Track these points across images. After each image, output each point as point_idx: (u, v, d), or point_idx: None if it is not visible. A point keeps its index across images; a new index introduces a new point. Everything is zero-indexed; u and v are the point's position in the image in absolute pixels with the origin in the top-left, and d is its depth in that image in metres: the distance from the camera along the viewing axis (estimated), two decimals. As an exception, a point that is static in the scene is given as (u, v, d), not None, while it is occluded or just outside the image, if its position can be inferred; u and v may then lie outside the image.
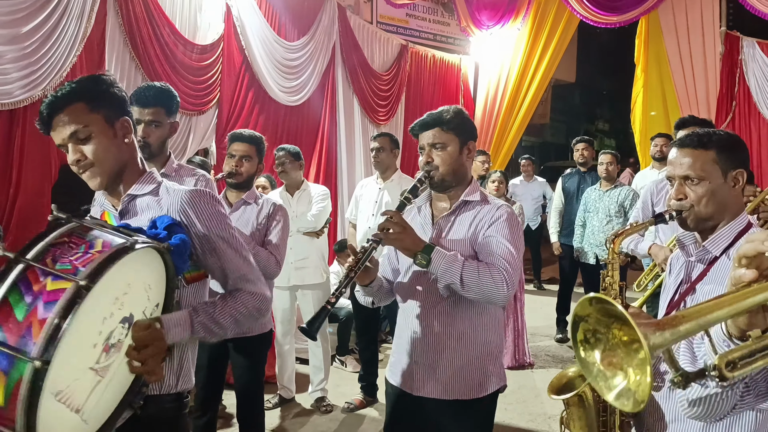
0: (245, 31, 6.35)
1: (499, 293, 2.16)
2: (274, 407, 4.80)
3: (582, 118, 23.68)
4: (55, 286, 1.39)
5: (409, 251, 2.21)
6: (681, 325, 1.10)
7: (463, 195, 2.38)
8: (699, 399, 1.49)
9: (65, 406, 1.43)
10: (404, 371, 2.41)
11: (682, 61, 8.24)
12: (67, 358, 1.39)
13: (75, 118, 1.71)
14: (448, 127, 2.34)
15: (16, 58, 4.36)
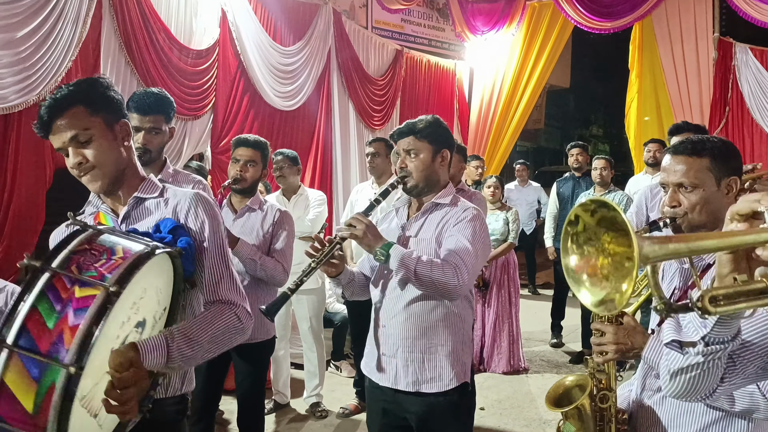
0: (241, 36, 6.36)
1: (450, 287, 2.30)
2: (269, 413, 4.79)
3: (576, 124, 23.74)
4: (84, 293, 1.42)
5: (369, 247, 2.37)
6: (670, 243, 1.15)
7: (434, 198, 2.52)
8: (680, 369, 1.50)
9: (86, 411, 1.45)
10: (373, 362, 2.54)
11: (675, 66, 8.29)
12: (94, 364, 1.41)
13: (75, 121, 1.71)
14: (421, 135, 2.48)
15: (11, 62, 4.36)
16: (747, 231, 1.17)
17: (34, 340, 1.36)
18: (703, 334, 1.41)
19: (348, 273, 2.55)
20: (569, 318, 6.75)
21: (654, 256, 1.12)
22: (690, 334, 1.47)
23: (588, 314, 6.16)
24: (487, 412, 4.82)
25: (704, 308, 1.17)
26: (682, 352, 1.48)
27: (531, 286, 9.78)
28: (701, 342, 1.42)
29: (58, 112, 1.70)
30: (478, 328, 5.88)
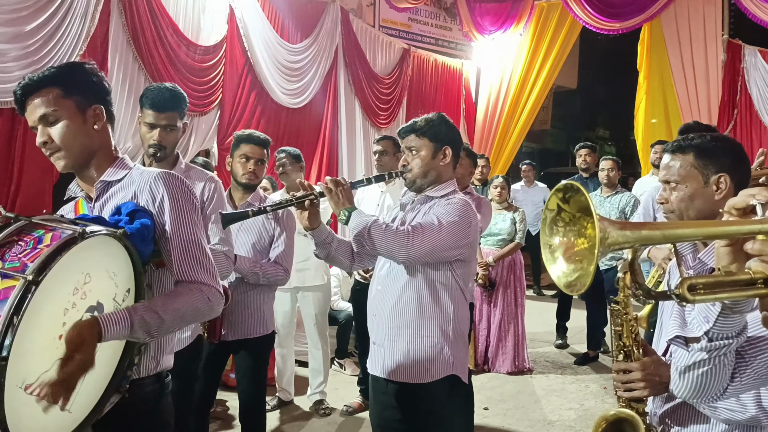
0: (248, 32, 6.35)
1: (398, 249, 2.37)
2: (272, 409, 4.78)
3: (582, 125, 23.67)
4: (5, 284, 1.43)
5: (336, 204, 2.50)
6: (643, 229, 1.16)
7: (427, 191, 2.58)
8: (687, 367, 1.49)
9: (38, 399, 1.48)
10: (370, 352, 2.61)
11: (684, 68, 8.26)
12: (29, 352, 1.43)
13: (46, 101, 1.76)
14: (421, 133, 2.54)
15: (19, 56, 4.36)
16: (727, 222, 1.16)
17: None
18: (706, 329, 1.40)
19: (325, 232, 2.61)
20: (574, 319, 6.73)
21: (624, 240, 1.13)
22: (694, 330, 1.46)
23: (594, 316, 6.14)
24: (491, 412, 4.80)
25: (682, 296, 1.16)
26: (687, 348, 1.48)
27: (536, 286, 9.76)
28: (704, 337, 1.42)
29: (32, 92, 1.76)
30: (484, 328, 5.87)
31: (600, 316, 6.15)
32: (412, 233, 2.36)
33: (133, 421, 1.79)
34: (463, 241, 2.47)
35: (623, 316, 1.76)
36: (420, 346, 2.45)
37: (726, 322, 1.38)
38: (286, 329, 4.85)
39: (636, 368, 1.76)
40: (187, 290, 1.76)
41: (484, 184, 7.37)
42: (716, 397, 1.52)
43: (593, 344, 6.21)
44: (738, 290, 1.16)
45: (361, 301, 4.86)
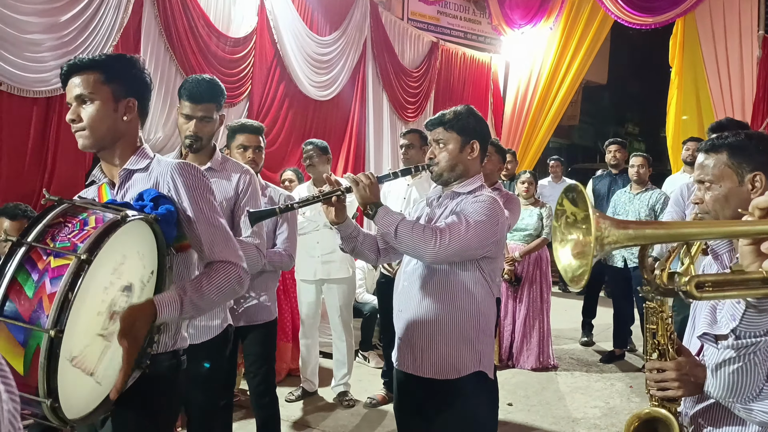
0: (278, 24, 6.38)
1: (425, 249, 2.33)
2: (296, 399, 4.83)
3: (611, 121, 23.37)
4: (58, 262, 1.53)
5: (363, 199, 2.46)
6: (647, 228, 1.19)
7: (455, 187, 2.55)
8: (717, 365, 1.49)
9: (80, 370, 1.59)
10: (396, 347, 2.61)
11: (718, 64, 8.10)
12: (77, 326, 1.53)
13: (85, 83, 1.86)
14: (449, 126, 2.52)
15: (54, 46, 4.43)
16: (738, 222, 1.17)
17: (17, 308, 1.49)
18: (733, 327, 1.40)
19: (351, 226, 2.61)
20: (600, 317, 6.67)
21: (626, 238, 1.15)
22: (722, 328, 1.46)
23: (621, 314, 6.08)
24: (515, 408, 4.79)
25: (689, 293, 1.19)
26: (717, 346, 1.48)
27: (562, 283, 9.68)
28: (732, 335, 1.41)
29: (75, 72, 1.87)
30: (509, 324, 5.84)
31: (627, 314, 6.09)
32: (439, 234, 2.33)
33: (150, 394, 1.86)
34: (491, 240, 2.43)
35: (659, 314, 1.73)
36: (447, 342, 2.44)
37: (752, 320, 1.37)
38: (310, 320, 4.89)
39: (671, 368, 1.71)
40: (222, 268, 1.88)
41: (511, 179, 7.33)
42: (752, 398, 1.49)
43: (620, 342, 6.15)
44: (749, 289, 1.18)
45: (386, 294, 4.88)
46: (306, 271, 4.79)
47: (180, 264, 1.98)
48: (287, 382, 5.16)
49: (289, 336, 5.29)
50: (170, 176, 1.91)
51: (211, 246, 1.89)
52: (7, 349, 1.47)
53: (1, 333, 1.48)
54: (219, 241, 1.91)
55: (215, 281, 1.84)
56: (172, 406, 2.00)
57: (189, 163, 1.97)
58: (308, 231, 4.72)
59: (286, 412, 4.62)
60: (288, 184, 5.34)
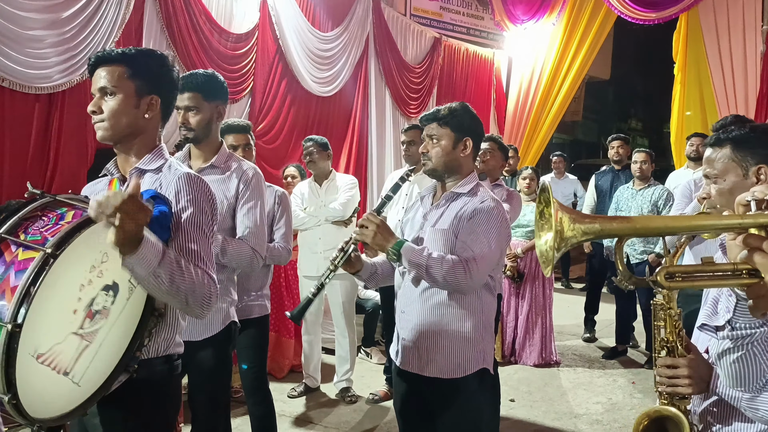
0: (280, 20, 6.37)
1: (461, 283, 2.36)
2: (299, 395, 4.84)
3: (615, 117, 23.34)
4: (25, 255, 1.50)
5: (381, 247, 2.43)
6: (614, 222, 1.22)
7: (454, 187, 2.54)
8: (718, 355, 1.50)
9: (50, 368, 1.54)
10: (396, 346, 2.61)
11: (721, 59, 8.06)
12: (43, 323, 1.49)
13: (110, 76, 1.86)
14: (443, 122, 2.52)
15: (56, 42, 4.43)
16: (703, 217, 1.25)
17: None
18: (728, 318, 1.42)
19: (368, 268, 2.61)
20: (603, 313, 6.67)
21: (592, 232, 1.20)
22: (719, 319, 1.48)
23: (624, 310, 6.06)
24: (517, 404, 4.79)
25: (659, 283, 1.24)
26: (717, 336, 1.49)
27: (564, 279, 9.68)
28: (728, 326, 1.43)
29: (103, 63, 1.87)
30: (512, 320, 5.84)
31: (630, 311, 6.08)
32: (469, 265, 2.35)
33: (140, 399, 1.83)
34: (508, 242, 2.55)
35: (667, 310, 1.72)
36: (452, 341, 2.45)
37: (745, 311, 1.38)
38: (313, 317, 4.89)
39: (683, 364, 1.69)
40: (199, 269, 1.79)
41: (512, 175, 7.32)
42: (760, 388, 1.50)
43: (622, 338, 6.14)
44: (720, 279, 1.21)
45: (389, 291, 4.88)
46: (308, 267, 4.80)
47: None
48: (290, 378, 5.18)
49: (291, 332, 5.29)
50: (175, 184, 1.88)
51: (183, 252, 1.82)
52: None
53: None
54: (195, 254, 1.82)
55: (192, 270, 1.74)
56: (167, 412, 1.94)
57: (197, 177, 1.93)
58: (310, 227, 4.72)
59: (288, 407, 4.63)
60: (290, 180, 5.34)
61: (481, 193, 2.52)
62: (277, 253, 3.49)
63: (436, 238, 2.47)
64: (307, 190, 4.84)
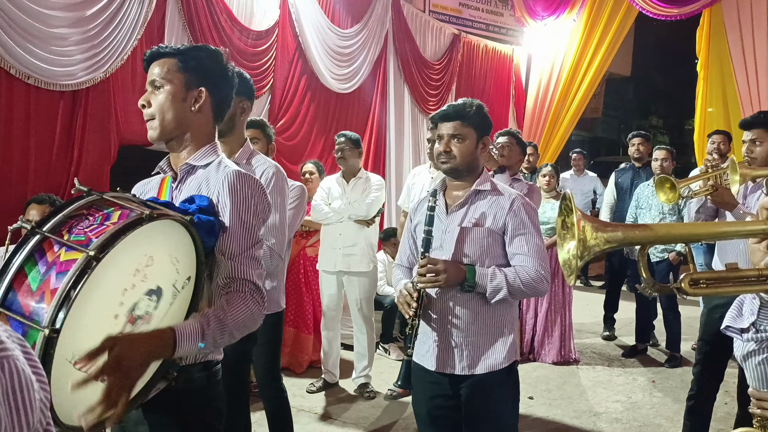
0: (300, 17, 6.40)
1: (540, 290, 2.46)
2: (318, 391, 4.87)
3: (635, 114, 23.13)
4: (68, 256, 1.43)
5: (458, 284, 2.41)
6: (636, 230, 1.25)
7: (474, 185, 2.52)
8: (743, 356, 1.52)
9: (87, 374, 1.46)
10: (427, 349, 2.54)
11: (744, 56, 7.96)
12: (83, 327, 1.42)
13: (161, 69, 1.85)
14: (468, 121, 2.49)
15: (80, 40, 4.49)
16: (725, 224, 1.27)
17: (19, 301, 1.40)
18: (752, 321, 1.44)
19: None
20: (623, 311, 6.63)
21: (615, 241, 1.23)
22: (744, 321, 1.50)
23: (644, 309, 6.02)
24: (536, 402, 4.78)
25: (683, 289, 1.25)
26: (742, 338, 1.50)
27: (583, 277, 9.63)
28: (752, 328, 1.45)
29: (157, 57, 1.87)
30: (531, 318, 5.83)
31: (650, 309, 6.04)
32: (540, 269, 2.42)
33: (179, 406, 1.79)
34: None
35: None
36: (486, 338, 2.46)
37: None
38: (332, 312, 4.91)
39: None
40: (246, 293, 1.75)
41: (532, 173, 7.29)
42: None
43: (642, 337, 6.10)
44: (745, 285, 1.23)
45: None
46: (327, 262, 4.82)
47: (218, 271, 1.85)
48: (308, 374, 5.21)
49: (310, 328, 5.32)
50: (221, 183, 1.82)
51: (233, 259, 1.78)
52: None
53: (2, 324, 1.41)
54: (243, 257, 1.79)
55: (236, 313, 1.70)
56: (209, 421, 1.88)
57: (248, 175, 1.86)
58: (333, 222, 4.74)
59: (307, 403, 4.66)
60: (308, 177, 5.37)
61: (502, 189, 2.55)
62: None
63: (468, 236, 2.46)
64: (334, 186, 4.85)
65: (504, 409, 2.52)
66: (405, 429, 4.29)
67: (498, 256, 2.48)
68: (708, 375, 3.62)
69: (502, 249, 2.48)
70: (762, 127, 3.46)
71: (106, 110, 4.71)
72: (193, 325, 1.60)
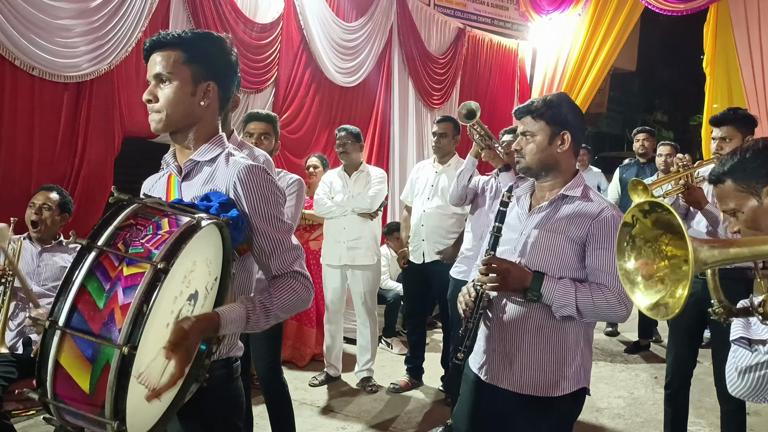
0: (304, 10, 6.38)
1: (617, 315, 2.15)
2: (320, 384, 4.87)
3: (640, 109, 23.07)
4: (131, 270, 1.40)
5: (518, 291, 2.20)
6: (732, 247, 1.15)
7: (563, 189, 2.29)
8: (749, 367, 1.48)
9: (144, 387, 1.46)
10: (482, 357, 2.36)
11: (751, 52, 7.91)
12: (148, 341, 1.40)
13: (165, 62, 1.77)
14: (536, 115, 2.27)
15: (84, 32, 4.48)
16: None
17: (86, 320, 1.37)
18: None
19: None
20: (626, 307, 6.61)
21: (713, 260, 1.10)
22: (760, 332, 1.44)
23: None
24: (538, 397, 4.78)
25: (766, 313, 1.19)
26: (751, 349, 1.46)
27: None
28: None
29: (158, 48, 1.78)
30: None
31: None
32: (620, 293, 2.11)
33: (204, 405, 1.78)
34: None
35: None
36: (554, 357, 2.22)
37: None
38: (335, 306, 4.92)
39: None
40: (287, 285, 1.76)
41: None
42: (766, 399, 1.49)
43: (645, 333, 6.10)
44: None
45: (410, 282, 4.91)
46: (331, 256, 4.82)
47: (240, 270, 1.86)
48: (311, 367, 5.22)
49: (313, 321, 5.33)
50: (235, 178, 1.77)
51: (270, 257, 1.78)
52: (73, 364, 1.36)
53: (68, 346, 1.36)
54: (278, 251, 1.78)
55: (282, 299, 1.74)
56: (231, 415, 1.87)
57: (257, 166, 1.80)
58: (336, 216, 4.74)
59: (309, 396, 4.67)
60: (312, 170, 5.37)
61: (594, 197, 2.28)
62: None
63: (545, 241, 2.23)
64: (336, 179, 4.84)
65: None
66: (407, 423, 4.29)
67: (574, 269, 2.21)
68: (680, 361, 3.72)
69: (579, 261, 2.21)
70: (732, 124, 3.44)
71: (110, 102, 4.71)
72: (238, 310, 1.65)
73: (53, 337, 1.36)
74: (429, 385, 4.90)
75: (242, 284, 1.87)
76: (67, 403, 1.39)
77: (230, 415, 1.87)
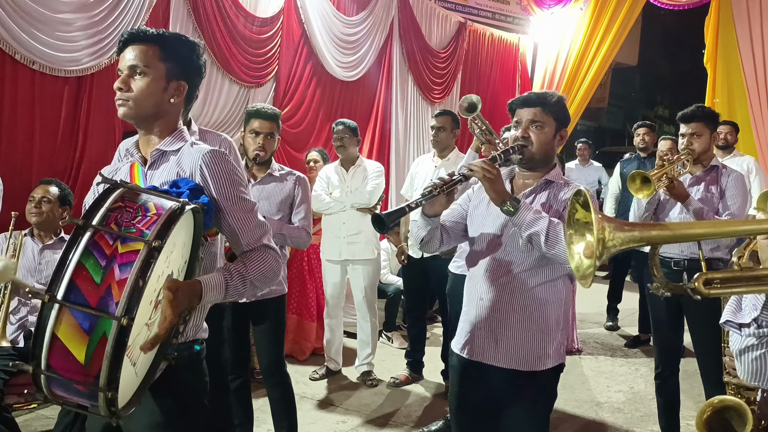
0: (305, 4, 6.37)
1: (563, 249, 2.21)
2: (320, 378, 4.89)
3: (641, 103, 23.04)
4: (126, 248, 1.49)
5: (499, 196, 2.28)
6: (653, 230, 1.25)
7: (546, 176, 2.42)
8: (740, 351, 1.53)
9: (129, 360, 1.53)
10: (467, 337, 2.45)
11: (753, 46, 7.90)
12: (138, 315, 1.48)
13: (142, 55, 1.84)
14: (550, 109, 2.38)
15: (85, 26, 4.48)
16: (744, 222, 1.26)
17: (84, 294, 1.44)
18: (755, 316, 1.44)
19: (438, 219, 2.47)
20: (626, 302, 6.63)
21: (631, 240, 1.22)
22: (744, 316, 1.49)
23: (646, 299, 6.01)
24: (538, 391, 4.79)
25: (697, 289, 1.25)
26: (740, 333, 1.51)
27: (586, 267, 9.61)
28: (753, 323, 1.45)
29: (135, 42, 1.86)
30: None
31: (653, 300, 6.04)
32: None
33: (172, 383, 1.83)
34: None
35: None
36: (537, 332, 2.33)
37: None
38: (335, 300, 4.93)
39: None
40: (258, 255, 1.87)
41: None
42: None
43: (645, 327, 6.09)
44: (759, 285, 1.24)
45: (410, 276, 4.91)
46: (331, 251, 4.83)
47: (206, 254, 1.95)
48: (311, 361, 5.23)
49: (313, 315, 5.34)
50: (200, 162, 1.87)
51: (246, 233, 1.88)
52: (70, 335, 1.43)
53: (66, 319, 1.43)
54: (247, 228, 1.89)
55: (256, 267, 1.84)
56: (197, 392, 1.95)
57: (219, 152, 1.92)
58: (335, 212, 4.74)
59: (310, 390, 4.68)
60: (313, 165, 5.37)
61: (572, 184, 2.40)
62: (296, 233, 3.52)
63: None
64: (333, 175, 4.84)
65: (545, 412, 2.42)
66: (407, 417, 4.31)
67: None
68: (666, 350, 3.77)
69: None
70: (701, 120, 3.53)
71: (110, 96, 4.64)
72: (217, 278, 1.76)
73: (51, 310, 1.43)
74: (429, 379, 4.92)
75: (208, 268, 1.95)
76: (61, 374, 1.46)
77: (199, 393, 1.96)
